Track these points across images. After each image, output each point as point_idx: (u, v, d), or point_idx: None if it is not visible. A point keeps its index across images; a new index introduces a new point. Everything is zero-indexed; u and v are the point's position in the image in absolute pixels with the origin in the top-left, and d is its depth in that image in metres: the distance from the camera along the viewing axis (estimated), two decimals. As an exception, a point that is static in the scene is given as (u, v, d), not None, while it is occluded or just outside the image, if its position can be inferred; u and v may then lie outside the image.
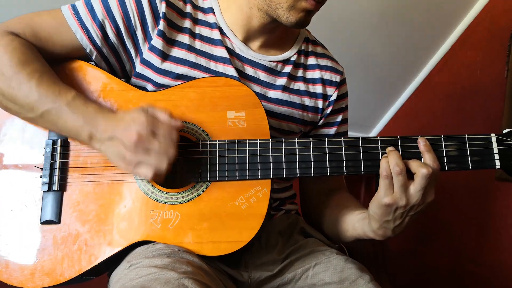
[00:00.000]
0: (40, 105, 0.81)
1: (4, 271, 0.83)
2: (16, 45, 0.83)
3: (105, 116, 0.81)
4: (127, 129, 0.78)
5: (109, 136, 0.79)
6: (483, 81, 1.66)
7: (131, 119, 0.78)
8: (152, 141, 0.77)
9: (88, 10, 0.89)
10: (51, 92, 0.81)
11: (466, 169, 0.84)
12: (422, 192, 0.79)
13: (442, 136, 0.84)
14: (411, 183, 0.79)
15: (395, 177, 0.79)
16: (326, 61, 1.06)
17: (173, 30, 0.93)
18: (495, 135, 0.84)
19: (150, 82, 0.93)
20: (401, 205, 0.79)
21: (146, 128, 0.77)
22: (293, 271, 0.91)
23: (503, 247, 1.51)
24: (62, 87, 0.83)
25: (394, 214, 0.81)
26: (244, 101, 0.88)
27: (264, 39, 0.98)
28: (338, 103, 1.06)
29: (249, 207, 0.84)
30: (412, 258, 2.08)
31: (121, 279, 0.75)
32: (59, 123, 0.82)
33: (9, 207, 0.86)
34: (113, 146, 0.79)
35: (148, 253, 0.80)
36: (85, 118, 0.80)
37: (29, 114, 0.83)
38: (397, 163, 0.79)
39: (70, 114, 0.80)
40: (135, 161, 0.78)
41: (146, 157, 0.77)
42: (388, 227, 0.84)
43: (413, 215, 0.82)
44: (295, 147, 0.85)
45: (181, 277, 0.70)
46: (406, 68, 2.05)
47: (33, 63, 0.83)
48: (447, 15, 1.81)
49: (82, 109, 0.81)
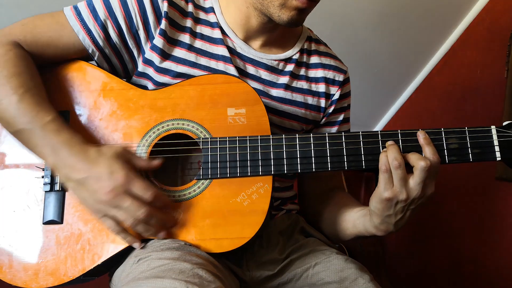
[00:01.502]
0: (15, 122, 0.80)
1: (8, 272, 0.84)
2: (11, 56, 0.82)
3: (73, 150, 0.78)
4: (102, 181, 0.76)
5: (79, 179, 0.77)
6: (483, 81, 1.67)
7: (109, 171, 0.76)
8: (124, 200, 0.75)
9: (90, 11, 0.89)
10: (29, 112, 0.79)
11: (467, 161, 0.84)
12: (421, 185, 0.79)
13: (443, 129, 0.84)
14: (411, 176, 0.79)
15: (394, 171, 0.79)
16: (330, 60, 1.06)
17: (175, 30, 0.93)
18: (495, 127, 0.84)
19: (150, 80, 0.94)
20: (401, 199, 0.79)
21: (122, 186, 0.75)
22: (293, 270, 0.91)
23: (503, 247, 1.51)
24: (43, 107, 0.80)
25: (395, 208, 0.81)
26: (244, 97, 0.88)
27: (265, 38, 0.98)
28: (341, 102, 1.06)
29: (251, 204, 0.84)
30: (412, 258, 2.08)
31: (131, 273, 0.75)
32: (29, 144, 0.81)
33: (11, 207, 0.87)
34: (83, 191, 0.78)
35: (156, 247, 0.80)
36: (53, 147, 0.78)
37: (7, 128, 0.83)
38: (396, 157, 0.79)
39: (40, 139, 0.79)
40: (102, 213, 0.78)
41: (114, 212, 0.77)
42: (389, 221, 0.84)
43: (414, 208, 0.82)
44: (295, 143, 0.85)
45: (195, 267, 0.70)
46: (406, 68, 2.05)
47: (21, 76, 0.81)
48: (447, 15, 1.81)
49: (51, 137, 0.78)
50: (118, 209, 0.76)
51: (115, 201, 0.76)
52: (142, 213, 0.76)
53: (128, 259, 0.83)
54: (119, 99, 0.90)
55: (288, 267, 0.92)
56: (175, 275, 0.67)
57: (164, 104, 0.89)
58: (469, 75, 1.76)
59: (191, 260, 0.73)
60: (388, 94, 2.20)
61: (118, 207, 0.76)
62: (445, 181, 1.84)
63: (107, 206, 0.76)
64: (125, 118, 0.88)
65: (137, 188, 0.76)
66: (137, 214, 0.76)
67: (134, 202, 0.76)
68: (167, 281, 0.66)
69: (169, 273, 0.68)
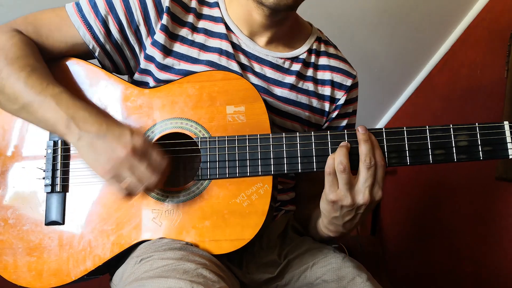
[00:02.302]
0: (24, 95, 0.79)
1: (13, 272, 0.85)
2: (16, 41, 0.83)
3: (96, 114, 0.79)
4: (123, 139, 0.76)
5: (98, 134, 0.76)
6: (483, 81, 1.67)
7: (130, 133, 0.77)
8: (141, 162, 0.75)
9: (91, 7, 0.89)
10: (39, 85, 0.79)
11: (477, 160, 0.80)
12: (368, 190, 0.77)
13: (451, 126, 0.80)
14: (356, 181, 0.78)
15: (339, 174, 0.77)
16: (339, 63, 1.03)
17: (176, 25, 0.92)
18: (508, 123, 0.79)
19: (152, 77, 0.93)
20: (346, 204, 0.78)
21: (142, 147, 0.76)
22: (292, 272, 0.91)
23: (503, 247, 1.51)
24: (51, 82, 0.81)
25: (341, 211, 0.80)
26: (243, 94, 0.86)
27: (271, 35, 0.96)
28: (345, 107, 1.03)
29: (250, 205, 0.83)
30: (411, 258, 2.08)
31: (133, 273, 0.74)
32: (38, 113, 0.79)
33: (14, 208, 0.87)
34: (97, 148, 0.76)
35: (158, 247, 0.79)
36: (69, 109, 0.78)
37: (13, 106, 0.82)
38: (341, 161, 0.77)
39: (53, 104, 0.78)
40: (113, 172, 0.76)
41: (127, 174, 0.76)
42: (337, 223, 0.83)
43: (363, 213, 0.81)
44: (296, 142, 0.83)
45: (199, 267, 0.70)
46: (406, 68, 2.05)
47: (28, 58, 0.82)
48: (447, 15, 1.81)
49: (68, 101, 0.79)
50: (132, 171, 0.75)
51: (133, 160, 0.75)
52: (153, 181, 0.76)
53: (129, 259, 0.83)
54: (117, 98, 0.89)
55: (287, 268, 0.92)
56: (179, 275, 0.67)
57: (162, 102, 0.88)
58: (469, 75, 1.76)
59: (195, 260, 0.73)
60: (388, 94, 2.19)
61: (132, 168, 0.75)
62: (445, 181, 1.84)
63: (122, 165, 0.75)
64: (123, 117, 0.88)
65: (155, 155, 0.76)
66: (149, 181, 0.76)
67: (149, 167, 0.75)
68: (171, 280, 0.65)
69: (173, 273, 0.68)
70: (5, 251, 0.85)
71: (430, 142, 0.81)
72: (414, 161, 0.81)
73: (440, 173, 1.87)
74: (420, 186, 2.06)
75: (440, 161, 0.81)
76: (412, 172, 2.10)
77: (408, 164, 0.82)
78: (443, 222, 1.85)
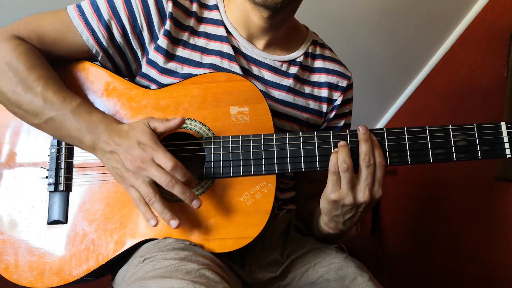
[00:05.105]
0: (45, 111, 0.81)
1: (14, 272, 0.84)
2: (22, 50, 0.83)
3: (109, 127, 0.81)
4: (130, 150, 0.78)
5: (110, 150, 0.80)
6: (483, 81, 1.67)
7: (136, 141, 0.78)
8: (149, 168, 0.77)
9: (94, 10, 0.88)
10: (56, 99, 0.81)
11: (475, 159, 0.82)
12: (368, 188, 0.79)
13: (450, 126, 0.83)
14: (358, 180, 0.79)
15: (342, 173, 0.79)
16: (334, 65, 1.05)
17: (178, 30, 0.93)
18: (505, 123, 0.82)
19: (154, 82, 0.93)
20: (347, 202, 0.79)
21: (147, 155, 0.77)
22: (294, 271, 0.91)
23: (503, 247, 1.52)
24: (68, 94, 0.83)
25: (342, 209, 0.81)
26: (247, 96, 0.88)
27: (269, 38, 0.97)
28: (342, 108, 1.06)
29: (254, 203, 0.84)
30: (412, 257, 2.08)
31: (136, 273, 0.75)
32: (62, 130, 0.82)
33: (17, 208, 0.87)
34: (113, 161, 0.80)
35: (161, 247, 0.80)
36: (88, 127, 0.81)
37: (34, 120, 0.83)
38: (345, 160, 0.78)
39: (74, 122, 0.81)
40: (129, 182, 0.79)
41: (139, 182, 0.78)
42: (338, 220, 0.84)
43: (363, 211, 0.82)
44: (299, 141, 0.84)
45: (202, 268, 0.71)
46: (406, 68, 2.05)
47: (38, 69, 0.83)
48: (447, 15, 1.81)
49: (86, 118, 0.81)
50: (143, 179, 0.77)
51: (140, 169, 0.77)
52: (164, 181, 0.76)
53: (132, 259, 0.83)
54: (122, 99, 0.90)
55: (290, 268, 0.92)
56: (182, 276, 0.67)
57: (167, 103, 0.89)
58: (469, 75, 1.76)
59: (197, 260, 0.74)
60: (388, 94, 2.20)
61: (143, 176, 0.77)
62: (445, 181, 1.85)
63: (135, 175, 0.77)
64: (128, 117, 0.88)
65: (160, 157, 0.77)
66: (160, 181, 0.76)
67: (158, 170, 0.76)
68: (174, 281, 0.66)
69: (176, 273, 0.68)
70: (6, 251, 0.85)
71: (430, 142, 0.83)
72: (415, 160, 0.83)
73: (440, 173, 1.88)
74: (420, 186, 2.06)
75: (440, 160, 0.83)
76: (412, 172, 2.11)
77: (409, 163, 0.83)
78: (443, 222, 1.85)
